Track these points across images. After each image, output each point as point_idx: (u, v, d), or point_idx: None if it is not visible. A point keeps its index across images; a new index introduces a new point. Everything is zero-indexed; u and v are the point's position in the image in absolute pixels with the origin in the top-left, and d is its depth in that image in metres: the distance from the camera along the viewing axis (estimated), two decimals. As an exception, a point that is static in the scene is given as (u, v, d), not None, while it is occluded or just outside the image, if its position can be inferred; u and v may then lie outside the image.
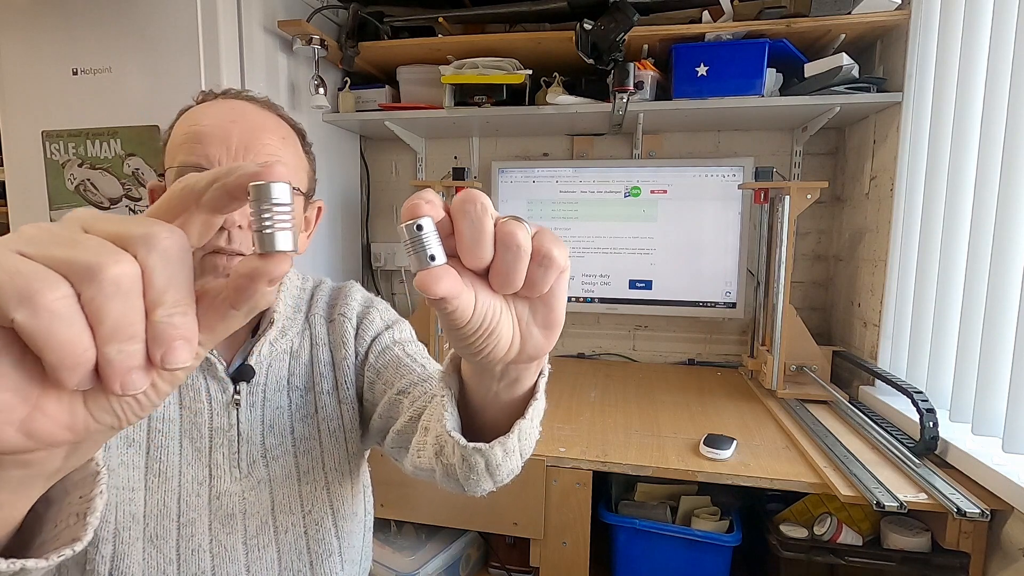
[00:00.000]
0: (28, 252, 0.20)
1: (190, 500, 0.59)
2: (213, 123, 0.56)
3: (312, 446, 0.64)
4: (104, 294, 0.20)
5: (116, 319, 0.20)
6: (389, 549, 1.20)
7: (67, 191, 1.29)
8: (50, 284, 0.19)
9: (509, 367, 0.34)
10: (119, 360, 0.20)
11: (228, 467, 0.60)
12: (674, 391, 1.46)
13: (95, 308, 0.20)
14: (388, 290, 1.96)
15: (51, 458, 0.24)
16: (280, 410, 0.63)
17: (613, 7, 1.23)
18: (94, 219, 0.22)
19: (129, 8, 1.21)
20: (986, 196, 0.97)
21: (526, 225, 0.28)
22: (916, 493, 0.90)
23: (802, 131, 1.59)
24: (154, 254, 0.21)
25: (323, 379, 0.66)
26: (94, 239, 0.21)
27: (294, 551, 0.63)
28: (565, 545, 1.07)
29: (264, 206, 0.23)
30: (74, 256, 0.20)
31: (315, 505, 0.64)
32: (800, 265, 1.69)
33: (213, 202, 0.23)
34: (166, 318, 0.21)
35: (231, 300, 0.23)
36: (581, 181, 1.65)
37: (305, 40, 1.39)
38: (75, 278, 0.20)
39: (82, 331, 0.20)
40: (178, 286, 0.22)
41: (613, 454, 1.05)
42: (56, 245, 0.20)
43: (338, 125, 1.68)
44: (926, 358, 1.14)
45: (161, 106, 1.23)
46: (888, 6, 1.23)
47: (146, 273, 0.21)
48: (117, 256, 0.20)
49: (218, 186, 0.23)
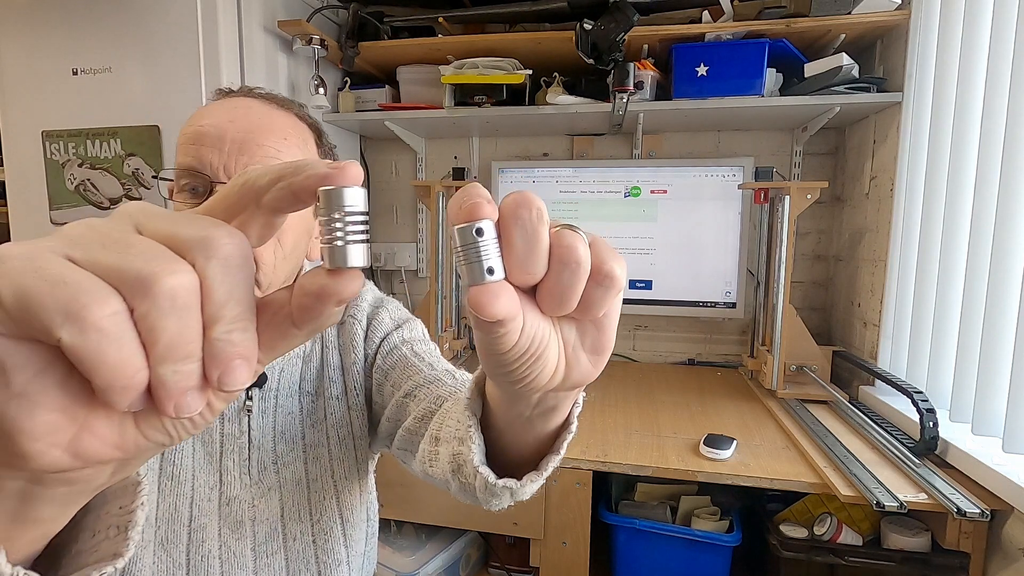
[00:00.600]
0: (75, 257, 0.18)
1: (201, 505, 0.58)
2: (211, 123, 0.55)
3: (321, 453, 0.64)
4: (159, 309, 0.18)
5: (171, 337, 0.18)
6: (389, 549, 1.20)
7: (67, 191, 1.29)
8: (99, 298, 0.17)
9: (548, 395, 0.31)
10: (173, 381, 0.18)
11: (238, 473, 0.59)
12: (674, 391, 1.46)
13: (149, 325, 0.18)
14: (388, 290, 1.96)
15: (98, 475, 0.22)
16: (291, 416, 0.62)
17: (613, 7, 1.23)
18: (147, 216, 0.20)
19: (129, 8, 1.21)
20: (986, 196, 0.97)
21: (583, 235, 0.24)
22: (916, 493, 0.90)
23: (802, 131, 1.59)
24: (214, 262, 0.19)
25: (332, 384, 0.65)
26: (147, 243, 0.19)
27: (302, 559, 0.63)
28: (565, 545, 1.07)
29: (336, 215, 0.20)
30: (125, 264, 0.18)
31: (324, 513, 0.63)
32: (800, 265, 1.69)
33: (276, 202, 0.21)
34: (225, 335, 0.19)
35: (294, 318, 0.21)
36: (581, 181, 1.65)
37: (305, 40, 1.39)
38: (126, 290, 0.18)
39: (134, 351, 0.18)
40: (239, 299, 0.20)
41: (613, 454, 1.05)
42: (105, 249, 0.18)
43: (338, 125, 1.68)
44: (926, 358, 1.14)
45: (161, 106, 1.23)
46: (888, 6, 1.23)
47: (205, 284, 0.19)
48: (173, 265, 0.18)
49: (283, 185, 0.20)
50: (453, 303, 1.67)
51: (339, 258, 0.20)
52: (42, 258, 0.17)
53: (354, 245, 0.20)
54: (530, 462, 0.39)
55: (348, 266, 0.20)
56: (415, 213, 1.91)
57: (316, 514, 0.63)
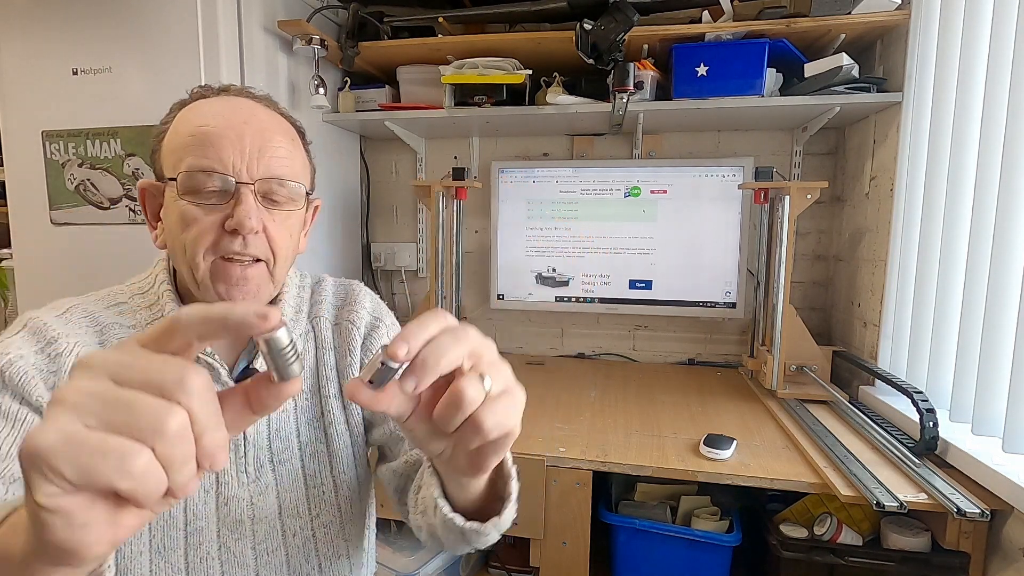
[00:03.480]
0: (95, 425, 0.24)
1: (196, 509, 0.58)
2: (223, 124, 0.54)
3: (319, 449, 0.64)
4: (171, 445, 0.25)
5: (179, 457, 0.25)
6: (389, 549, 1.20)
7: (67, 191, 1.29)
8: (136, 452, 0.24)
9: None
10: (181, 480, 0.26)
11: (235, 472, 0.59)
12: (674, 391, 1.46)
13: (166, 457, 0.25)
14: (388, 290, 1.96)
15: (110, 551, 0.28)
16: (286, 413, 0.62)
17: (613, 7, 1.23)
18: (118, 368, 0.26)
19: (129, 8, 1.21)
20: (986, 196, 0.97)
21: (485, 382, 0.32)
22: (916, 493, 0.90)
23: (802, 131, 1.59)
24: (193, 399, 0.26)
25: (329, 383, 0.65)
26: (141, 398, 0.25)
27: (302, 555, 0.63)
28: (565, 545, 1.07)
29: (274, 354, 0.28)
30: (135, 421, 0.25)
31: (323, 508, 0.64)
32: (800, 265, 1.69)
33: (209, 336, 0.27)
34: (209, 440, 0.26)
35: (252, 407, 0.30)
36: (581, 181, 1.65)
37: (305, 40, 1.39)
38: (145, 438, 0.25)
39: (162, 477, 0.25)
40: (212, 412, 0.27)
41: (613, 454, 1.05)
42: (114, 411, 0.25)
43: (338, 125, 1.68)
44: (926, 358, 1.14)
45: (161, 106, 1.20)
46: (888, 6, 1.23)
47: (191, 415, 0.26)
48: (169, 409, 0.25)
49: (218, 326, 0.27)
50: (453, 303, 1.67)
51: (284, 375, 0.29)
52: (78, 435, 0.24)
53: (291, 366, 0.29)
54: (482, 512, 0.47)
55: (291, 377, 0.29)
56: (415, 213, 1.91)
57: (315, 509, 0.63)
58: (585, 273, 1.68)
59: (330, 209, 1.68)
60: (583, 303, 1.69)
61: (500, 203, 1.71)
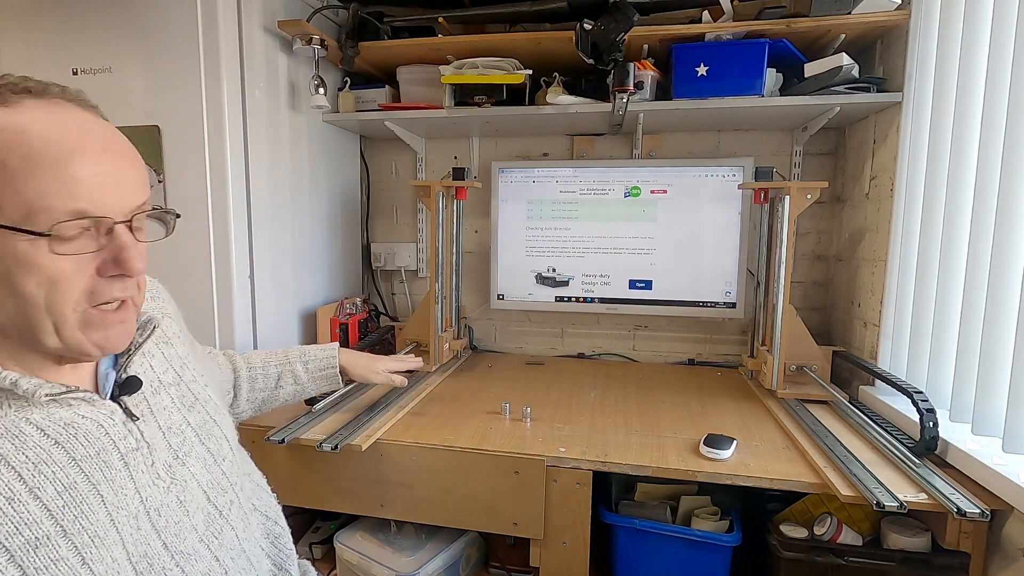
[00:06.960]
0: None
1: (135, 539, 0.52)
2: (92, 158, 0.47)
3: (211, 428, 0.66)
4: None
5: None
6: (389, 549, 1.20)
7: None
8: None
9: None
10: None
11: (152, 480, 0.56)
12: (674, 391, 1.46)
13: None
14: (388, 290, 1.96)
15: None
16: (168, 410, 0.61)
17: (613, 7, 1.23)
18: None
19: (129, 8, 1.21)
20: (986, 196, 0.97)
21: None
22: (916, 493, 0.90)
23: (802, 131, 1.59)
24: None
25: (184, 368, 0.67)
26: None
27: (246, 520, 0.66)
28: (565, 545, 1.07)
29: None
30: None
31: (232, 471, 0.67)
32: (800, 265, 1.69)
33: None
34: None
35: None
36: (581, 181, 1.65)
37: (305, 40, 1.39)
38: None
39: None
40: None
41: (613, 454, 1.05)
42: None
43: (338, 125, 1.68)
44: (926, 358, 1.14)
45: (161, 106, 1.23)
46: (888, 6, 1.23)
47: None
48: None
49: None
50: (453, 303, 1.67)
51: None
52: None
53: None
54: None
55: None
56: (415, 213, 1.91)
57: (232, 478, 0.66)
58: (585, 273, 1.68)
59: (330, 209, 1.68)
60: (583, 303, 1.69)
61: (500, 203, 1.71)
